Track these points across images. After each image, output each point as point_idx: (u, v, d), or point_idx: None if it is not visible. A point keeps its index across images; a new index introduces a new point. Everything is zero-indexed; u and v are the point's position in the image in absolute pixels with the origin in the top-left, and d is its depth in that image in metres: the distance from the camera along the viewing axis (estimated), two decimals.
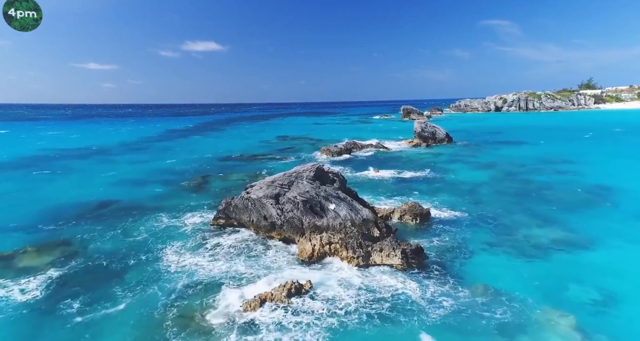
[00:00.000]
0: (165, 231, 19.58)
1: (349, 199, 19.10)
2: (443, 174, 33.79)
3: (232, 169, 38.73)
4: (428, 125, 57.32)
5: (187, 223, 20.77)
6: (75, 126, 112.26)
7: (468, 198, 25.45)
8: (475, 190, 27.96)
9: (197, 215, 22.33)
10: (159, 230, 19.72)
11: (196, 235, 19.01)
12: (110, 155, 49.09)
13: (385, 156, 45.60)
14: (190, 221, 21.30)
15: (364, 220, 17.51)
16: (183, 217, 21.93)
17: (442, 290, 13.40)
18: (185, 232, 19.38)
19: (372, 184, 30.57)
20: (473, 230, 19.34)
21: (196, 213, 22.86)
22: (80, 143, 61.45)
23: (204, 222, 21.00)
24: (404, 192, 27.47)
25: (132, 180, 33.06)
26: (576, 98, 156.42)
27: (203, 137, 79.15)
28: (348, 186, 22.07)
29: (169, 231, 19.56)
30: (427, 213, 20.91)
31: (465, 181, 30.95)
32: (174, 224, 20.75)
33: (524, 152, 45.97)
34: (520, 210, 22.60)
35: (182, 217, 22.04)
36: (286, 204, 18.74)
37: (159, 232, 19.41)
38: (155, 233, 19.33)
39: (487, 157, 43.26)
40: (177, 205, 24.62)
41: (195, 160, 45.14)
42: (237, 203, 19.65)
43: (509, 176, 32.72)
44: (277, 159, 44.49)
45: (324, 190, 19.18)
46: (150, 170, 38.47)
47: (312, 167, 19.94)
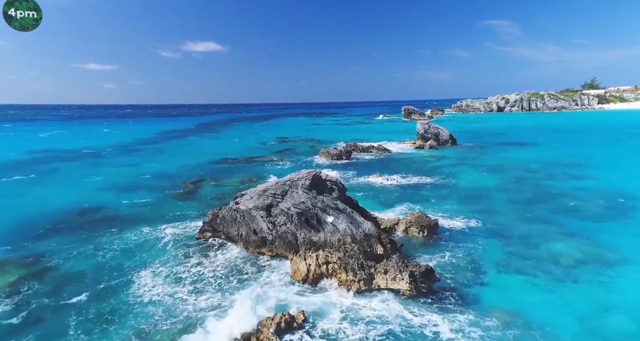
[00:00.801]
0: (144, 246, 17.57)
1: (348, 210, 17.13)
2: (449, 179, 31.79)
3: (226, 173, 36.77)
4: (431, 126, 55.32)
5: (170, 236, 18.77)
6: (71, 127, 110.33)
7: (478, 207, 23.45)
8: (485, 197, 25.95)
9: (183, 226, 20.35)
10: (138, 245, 17.73)
11: (178, 251, 17.00)
12: (100, 158, 47.14)
13: (387, 159, 43.60)
14: (174, 233, 19.31)
15: (366, 235, 15.53)
16: (166, 229, 19.93)
17: (462, 320, 11.43)
18: (166, 248, 17.36)
19: (373, 190, 28.59)
20: (487, 245, 17.34)
21: (182, 223, 20.87)
22: (71, 145, 59.51)
23: (188, 235, 19.02)
24: (408, 199, 25.47)
25: (118, 186, 31.08)
26: (580, 99, 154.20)
27: (200, 138, 77.19)
28: (348, 194, 20.09)
29: (148, 246, 17.55)
30: (435, 225, 18.92)
31: (473, 187, 28.95)
32: (155, 237, 18.75)
33: (532, 155, 43.92)
34: (537, 221, 20.58)
35: (165, 228, 20.04)
36: (279, 216, 16.77)
37: (137, 247, 17.40)
38: (133, 249, 17.32)
39: (494, 159, 41.25)
40: (162, 214, 22.65)
41: (188, 163, 43.18)
42: (224, 215, 17.67)
43: (519, 181, 30.70)
44: (275, 162, 42.53)
45: (321, 200, 17.21)
46: (140, 174, 36.51)
47: (308, 175, 17.96)
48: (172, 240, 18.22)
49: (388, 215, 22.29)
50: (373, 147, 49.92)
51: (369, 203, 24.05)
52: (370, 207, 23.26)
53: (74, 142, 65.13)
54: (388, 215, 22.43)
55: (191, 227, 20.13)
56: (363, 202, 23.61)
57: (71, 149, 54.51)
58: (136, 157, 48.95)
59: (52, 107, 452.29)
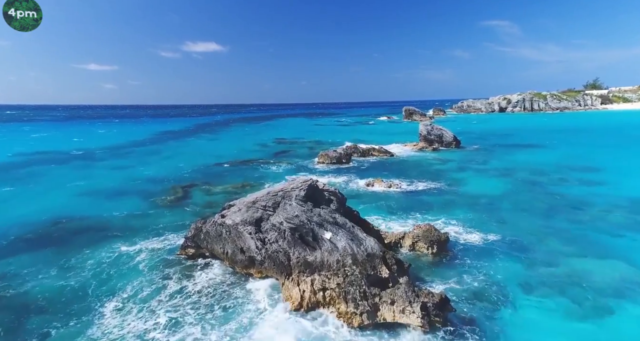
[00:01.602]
0: (118, 267, 15.47)
1: (349, 225, 15.13)
2: (456, 185, 29.78)
3: (220, 177, 34.77)
4: (434, 128, 53.32)
5: (150, 254, 16.71)
6: (66, 127, 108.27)
7: (490, 217, 21.44)
8: (496, 206, 23.94)
9: (165, 240, 18.33)
10: (111, 265, 15.67)
11: (156, 273, 14.93)
12: (89, 160, 45.11)
13: (389, 162, 41.59)
14: (154, 249, 17.28)
15: (369, 254, 13.53)
16: (147, 243, 17.90)
17: None
18: (143, 269, 15.27)
19: (375, 198, 26.58)
20: (506, 264, 15.34)
21: (165, 237, 18.86)
22: (62, 147, 57.48)
23: (170, 250, 17.03)
24: (414, 208, 23.48)
25: (101, 192, 29.07)
26: (582, 99, 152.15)
27: (196, 139, 75.21)
28: (348, 204, 18.09)
29: (123, 267, 15.47)
30: (445, 240, 16.91)
31: (482, 193, 26.94)
32: (132, 255, 16.69)
33: (540, 158, 41.91)
34: (558, 234, 18.57)
35: (145, 242, 18.02)
36: (270, 232, 14.76)
37: (110, 269, 15.31)
38: (105, 270, 15.20)
39: (502, 163, 39.24)
40: (145, 226, 20.63)
41: (181, 165, 41.20)
42: (208, 230, 15.66)
43: (531, 187, 28.70)
44: (271, 165, 40.51)
45: (317, 213, 15.21)
46: (128, 178, 34.51)
47: (303, 184, 15.96)
48: (151, 259, 16.17)
49: (392, 226, 20.35)
50: (374, 150, 47.91)
51: (371, 213, 22.11)
52: (372, 216, 21.34)
53: (66, 143, 63.11)
54: (392, 225, 20.49)
55: (175, 241, 18.13)
56: (364, 212, 21.66)
57: (60, 151, 52.48)
58: (128, 159, 46.95)
59: (51, 107, 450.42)
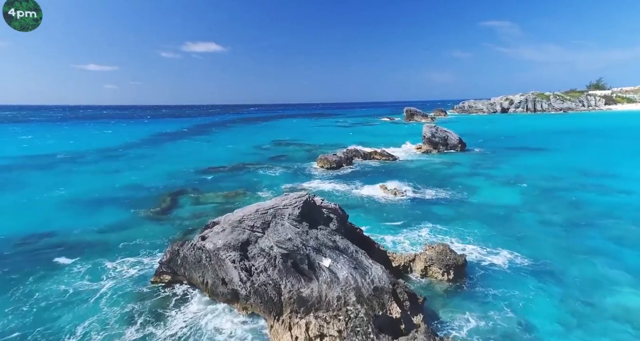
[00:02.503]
0: (70, 303, 12.88)
1: (351, 250, 12.86)
2: (466, 192, 27.49)
3: (212, 184, 32.50)
4: (439, 130, 51.04)
5: (116, 282, 14.28)
6: (59, 129, 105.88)
7: (509, 233, 19.14)
8: (514, 218, 21.65)
9: (138, 264, 15.98)
10: (63, 299, 13.12)
11: (117, 311, 12.35)
12: (75, 165, 42.78)
13: (392, 167, 39.30)
14: (123, 274, 14.94)
15: (376, 288, 11.25)
16: (116, 268, 15.54)
17: None
18: (102, 306, 12.63)
19: (379, 207, 24.31)
20: (536, 296, 13.06)
21: (138, 259, 16.52)
22: (49, 149, 55.11)
23: (142, 276, 14.71)
24: (422, 219, 21.20)
25: (81, 201, 26.77)
26: (586, 99, 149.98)
27: (192, 141, 72.89)
28: (350, 215, 15.76)
29: (76, 302, 12.91)
30: (463, 264, 14.63)
31: (496, 203, 24.67)
32: (95, 283, 14.24)
33: (552, 162, 39.60)
34: (591, 255, 16.28)
35: (115, 266, 15.67)
36: (257, 258, 12.47)
37: (60, 305, 12.73)
38: (51, 307, 12.57)
39: (511, 168, 36.95)
40: (119, 244, 18.31)
41: (173, 170, 38.91)
42: (186, 255, 13.36)
43: (548, 196, 26.40)
44: (268, 170, 38.20)
45: (314, 236, 12.93)
46: (114, 184, 32.20)
47: (298, 200, 13.66)
48: (117, 289, 13.76)
49: (399, 242, 18.08)
50: (376, 153, 45.61)
51: (374, 226, 19.84)
52: (376, 230, 19.07)
53: (55, 146, 60.79)
54: (399, 241, 18.21)
55: (151, 263, 15.83)
56: (367, 223, 19.41)
57: (47, 154, 50.13)
58: (117, 163, 44.63)
59: (49, 107, 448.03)
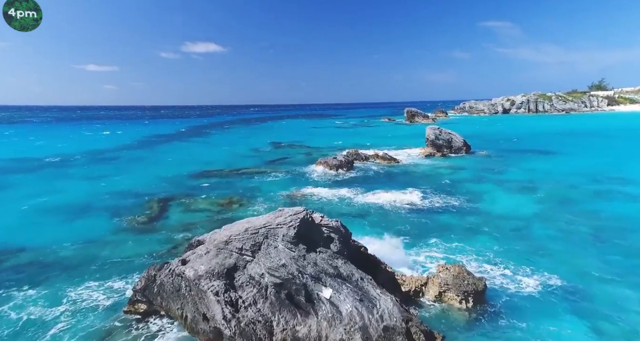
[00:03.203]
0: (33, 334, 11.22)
1: (356, 277, 10.98)
2: (476, 201, 25.63)
3: (206, 190, 30.61)
4: (443, 132, 49.16)
5: (81, 313, 12.31)
6: (52, 130, 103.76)
7: (530, 249, 17.27)
8: (531, 231, 19.80)
9: (109, 289, 14.03)
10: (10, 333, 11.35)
11: None
12: (62, 168, 40.84)
13: (395, 171, 37.41)
14: (91, 301, 12.98)
15: (386, 328, 9.38)
16: (83, 293, 13.57)
17: None
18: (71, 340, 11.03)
19: (383, 215, 22.44)
20: (573, 332, 11.17)
21: (115, 280, 14.58)
22: (38, 152, 53.08)
23: (114, 305, 12.77)
24: (432, 232, 19.34)
25: (61, 210, 24.85)
26: (588, 100, 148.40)
27: (188, 143, 71.02)
28: (352, 227, 13.85)
29: (39, 335, 11.21)
30: (483, 290, 12.74)
31: (510, 213, 22.81)
32: (52, 314, 12.26)
33: (564, 166, 37.75)
34: (623, 277, 14.40)
35: (83, 292, 13.68)
36: (246, 288, 10.58)
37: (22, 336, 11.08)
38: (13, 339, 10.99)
39: (521, 173, 35.10)
40: (94, 262, 16.39)
41: (165, 174, 37.02)
42: (163, 282, 11.46)
43: (565, 204, 24.54)
44: (265, 175, 36.31)
45: (312, 261, 11.05)
46: (99, 191, 30.28)
47: (294, 218, 11.75)
48: (80, 322, 11.82)
49: (407, 259, 16.20)
50: (378, 156, 43.78)
51: (378, 239, 17.93)
52: (381, 242, 17.18)
53: (44, 148, 58.78)
54: (407, 257, 16.33)
55: (126, 287, 13.91)
56: (370, 236, 17.53)
57: (34, 157, 48.06)
58: (107, 166, 42.71)
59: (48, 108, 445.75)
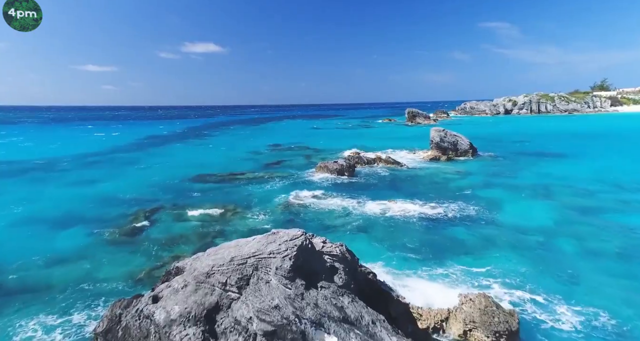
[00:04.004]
0: None
1: (366, 320, 8.91)
2: (489, 210, 23.54)
3: (197, 197, 28.56)
4: (448, 134, 47.08)
5: None
6: (45, 131, 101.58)
7: (556, 270, 15.20)
8: (556, 248, 17.72)
9: (73, 320, 11.90)
10: None
11: None
12: (46, 172, 38.71)
13: (400, 176, 35.34)
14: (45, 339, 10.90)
15: None
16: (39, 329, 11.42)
17: None
18: None
19: (389, 230, 20.32)
20: None
21: (78, 312, 12.46)
22: (24, 154, 50.90)
23: None
24: (445, 249, 17.28)
25: (38, 221, 22.76)
26: (592, 101, 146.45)
27: (184, 144, 68.89)
28: (354, 241, 11.79)
29: None
30: (516, 330, 10.66)
31: (527, 226, 20.71)
32: None
33: (579, 171, 35.65)
34: None
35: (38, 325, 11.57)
36: (229, 336, 8.49)
37: None
38: None
39: (534, 178, 33.03)
40: (63, 284, 14.33)
41: (155, 180, 34.98)
42: (129, 325, 9.36)
43: (587, 215, 22.45)
44: (262, 181, 34.22)
45: (313, 301, 8.96)
46: (84, 198, 28.17)
47: (290, 245, 9.65)
48: None
49: (420, 280, 14.14)
50: (380, 159, 41.73)
51: (386, 257, 15.89)
52: (390, 263, 15.16)
53: (32, 150, 56.65)
54: (420, 279, 14.28)
55: (93, 320, 11.81)
56: (377, 255, 15.46)
57: (21, 160, 45.91)
58: (95, 170, 40.59)
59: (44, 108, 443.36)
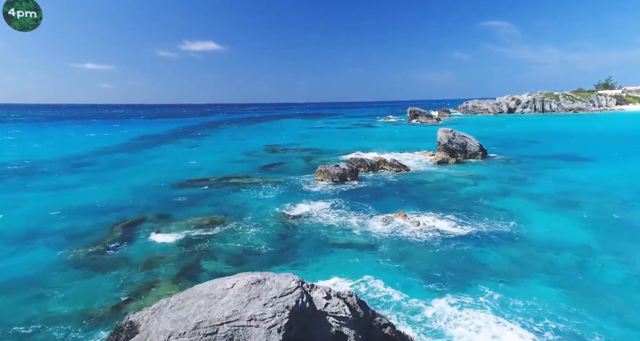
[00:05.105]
0: None
1: None
2: (510, 223, 20.66)
3: (184, 206, 25.77)
4: (456, 135, 44.23)
5: None
6: (35, 130, 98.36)
7: (606, 304, 12.43)
8: (596, 272, 14.92)
9: None
10: None
11: None
12: (25, 176, 35.78)
13: (407, 181, 32.46)
14: None
15: None
16: None
17: None
18: None
19: (402, 251, 17.46)
20: None
21: None
22: (8, 156, 48.02)
23: None
24: (470, 275, 14.48)
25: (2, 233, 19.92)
26: (597, 99, 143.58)
27: (176, 145, 65.86)
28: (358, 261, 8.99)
29: None
30: None
31: (557, 242, 17.89)
32: None
33: (603, 176, 32.59)
34: None
35: None
36: None
37: None
38: None
39: (554, 184, 30.17)
40: (6, 322, 11.48)
41: (141, 185, 32.20)
42: None
43: (627, 230, 19.62)
44: (256, 186, 31.34)
45: None
46: (56, 207, 25.26)
47: (280, 310, 6.77)
48: None
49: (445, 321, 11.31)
50: (385, 162, 38.84)
51: (403, 285, 12.99)
52: (409, 292, 12.30)
53: (16, 151, 53.66)
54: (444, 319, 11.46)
55: None
56: (391, 283, 12.60)
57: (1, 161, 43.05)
58: (79, 174, 37.70)
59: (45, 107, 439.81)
